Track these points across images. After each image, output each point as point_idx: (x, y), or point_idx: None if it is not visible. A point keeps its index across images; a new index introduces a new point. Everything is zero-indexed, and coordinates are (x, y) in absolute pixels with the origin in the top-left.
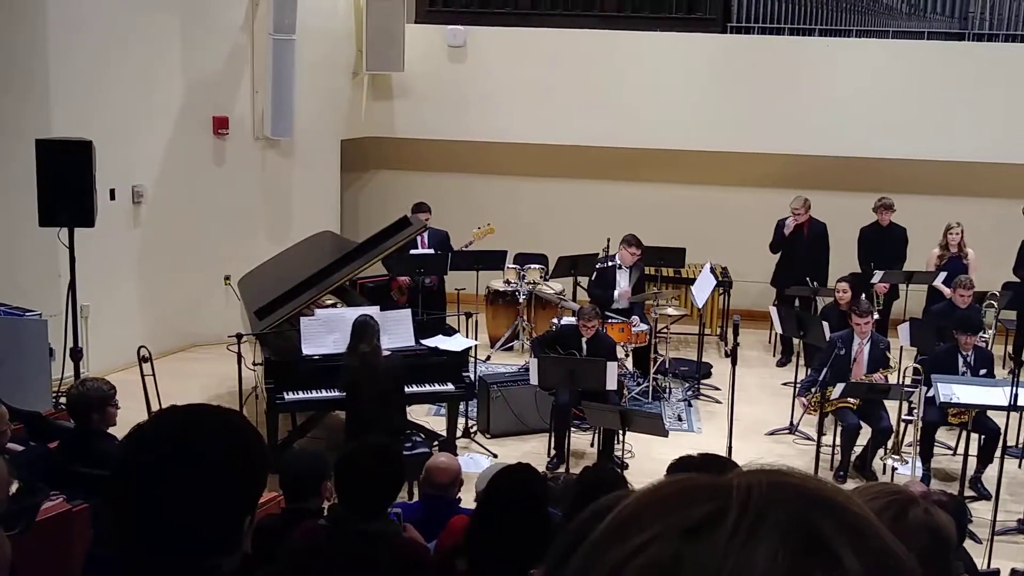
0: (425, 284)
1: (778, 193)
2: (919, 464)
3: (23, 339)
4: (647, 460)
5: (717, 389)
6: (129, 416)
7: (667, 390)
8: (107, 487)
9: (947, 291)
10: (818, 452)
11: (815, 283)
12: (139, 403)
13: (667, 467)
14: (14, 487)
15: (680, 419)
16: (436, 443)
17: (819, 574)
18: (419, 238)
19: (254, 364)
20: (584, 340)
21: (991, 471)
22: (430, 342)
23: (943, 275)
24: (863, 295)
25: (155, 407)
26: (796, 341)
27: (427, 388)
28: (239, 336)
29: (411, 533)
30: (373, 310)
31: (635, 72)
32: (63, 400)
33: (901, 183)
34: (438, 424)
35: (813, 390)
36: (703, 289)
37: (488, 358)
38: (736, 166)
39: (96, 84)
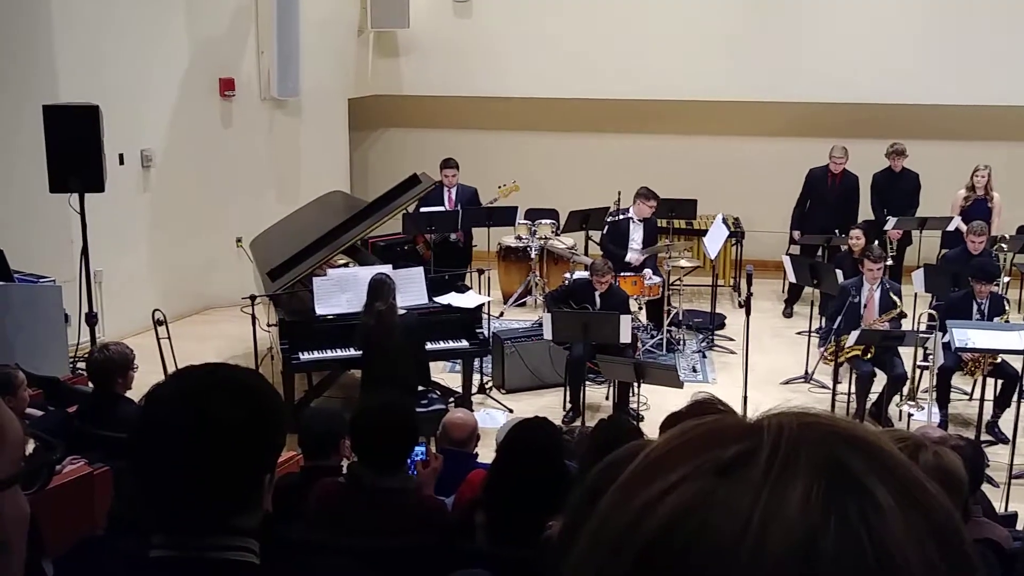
0: (451, 240)
1: (789, 142)
2: (935, 410)
3: (38, 305)
4: (662, 412)
5: (731, 340)
6: (146, 380)
7: (681, 342)
8: (127, 448)
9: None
10: (834, 400)
11: (843, 235)
12: (155, 366)
13: (660, 425)
14: (31, 446)
15: (695, 370)
16: (452, 399)
17: (853, 509)
18: (447, 195)
19: (268, 325)
20: (597, 294)
21: (1008, 415)
22: (443, 299)
23: (957, 220)
24: (876, 242)
25: (171, 370)
26: (808, 290)
27: (441, 345)
28: (253, 298)
29: (429, 471)
30: (386, 268)
31: (643, 22)
32: (80, 365)
33: (914, 129)
34: (453, 381)
35: (830, 339)
36: (715, 240)
37: (501, 314)
38: (746, 115)
39: (101, 48)
